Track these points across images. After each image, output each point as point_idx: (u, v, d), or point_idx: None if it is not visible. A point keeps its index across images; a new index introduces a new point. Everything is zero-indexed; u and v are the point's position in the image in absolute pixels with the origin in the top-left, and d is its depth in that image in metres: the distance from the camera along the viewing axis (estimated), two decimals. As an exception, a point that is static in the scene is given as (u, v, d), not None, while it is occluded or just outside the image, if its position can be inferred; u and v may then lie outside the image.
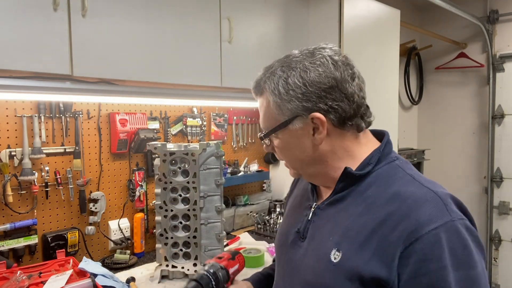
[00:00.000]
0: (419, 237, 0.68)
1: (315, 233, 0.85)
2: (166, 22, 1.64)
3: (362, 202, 0.78)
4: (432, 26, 3.53)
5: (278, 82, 0.81)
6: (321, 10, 2.28)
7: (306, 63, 0.79)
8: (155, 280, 1.52)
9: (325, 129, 0.79)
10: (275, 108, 0.82)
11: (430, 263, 0.68)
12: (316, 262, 0.81)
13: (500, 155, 3.38)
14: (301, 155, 0.84)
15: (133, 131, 1.92)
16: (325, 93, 0.78)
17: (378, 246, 0.72)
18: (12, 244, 1.57)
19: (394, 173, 0.80)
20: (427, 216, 0.70)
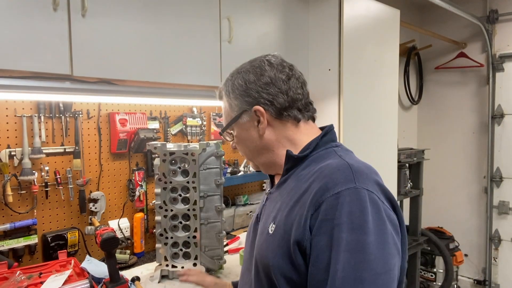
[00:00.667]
0: (324, 199, 0.76)
1: (265, 214, 0.96)
2: (166, 21, 1.64)
3: (296, 180, 0.89)
4: (432, 26, 3.53)
5: (229, 85, 0.98)
6: (321, 10, 2.28)
7: (248, 67, 0.97)
8: (155, 280, 1.52)
9: (265, 119, 0.93)
10: (228, 107, 0.98)
11: (328, 222, 0.74)
12: (259, 237, 0.91)
13: (499, 154, 3.38)
14: (251, 145, 0.97)
15: (133, 131, 1.92)
16: (262, 88, 0.93)
17: (298, 212, 0.80)
18: (12, 244, 1.57)
19: (328, 155, 0.90)
20: (334, 181, 0.78)
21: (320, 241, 0.74)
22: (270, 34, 2.10)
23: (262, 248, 0.87)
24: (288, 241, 0.79)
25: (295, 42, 2.26)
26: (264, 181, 2.61)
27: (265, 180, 2.57)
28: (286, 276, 0.79)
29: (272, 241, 0.84)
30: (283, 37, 2.18)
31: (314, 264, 0.75)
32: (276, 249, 0.82)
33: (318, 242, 0.75)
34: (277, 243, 0.82)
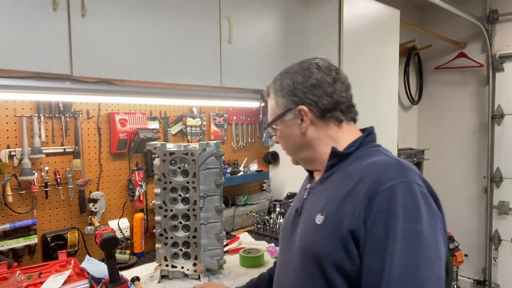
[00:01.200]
0: (379, 192, 0.82)
1: (307, 207, 1.02)
2: (166, 22, 1.64)
3: (342, 175, 0.95)
4: (431, 26, 3.53)
5: (276, 83, 1.05)
6: (321, 10, 2.27)
7: (296, 68, 1.03)
8: (154, 280, 1.52)
9: (309, 119, 1.00)
10: (275, 104, 1.05)
11: (384, 213, 0.80)
12: (305, 228, 0.97)
13: (499, 155, 3.38)
14: (293, 142, 1.04)
15: (132, 131, 1.92)
16: (308, 90, 0.99)
17: (350, 205, 0.85)
18: (12, 244, 1.57)
19: (372, 153, 0.96)
20: (387, 176, 0.84)
21: (376, 231, 0.80)
22: (270, 34, 2.10)
23: (310, 238, 0.92)
24: (340, 231, 0.85)
25: (295, 42, 2.25)
26: (264, 181, 2.61)
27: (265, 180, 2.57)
28: (336, 264, 0.85)
29: (321, 231, 0.89)
30: (283, 37, 2.18)
31: (370, 253, 0.80)
32: (327, 238, 0.87)
33: (374, 232, 0.80)
34: (328, 233, 0.87)
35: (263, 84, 2.08)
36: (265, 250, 1.78)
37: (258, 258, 1.68)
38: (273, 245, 1.84)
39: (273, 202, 2.44)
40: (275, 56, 2.14)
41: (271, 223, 2.15)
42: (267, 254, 1.77)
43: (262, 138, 2.62)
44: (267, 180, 2.59)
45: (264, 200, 2.54)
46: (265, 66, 2.08)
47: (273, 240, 1.96)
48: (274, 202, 2.42)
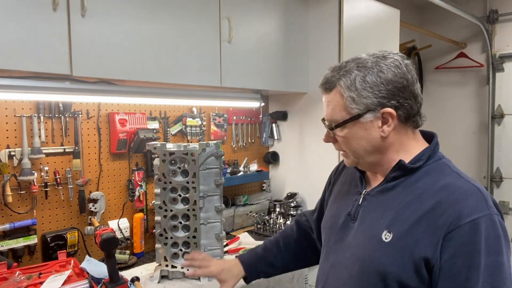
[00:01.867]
0: (462, 224, 0.81)
1: (365, 215, 0.97)
2: (166, 21, 1.64)
3: (411, 192, 0.90)
4: (431, 26, 3.52)
5: (355, 79, 0.90)
6: (321, 10, 2.27)
7: (382, 64, 0.90)
8: (154, 280, 1.52)
9: (394, 123, 0.91)
10: (349, 102, 0.91)
11: (467, 246, 0.80)
12: (368, 241, 0.92)
13: (499, 155, 3.38)
14: (366, 145, 0.94)
15: (132, 131, 1.92)
16: (398, 91, 0.89)
17: (426, 229, 0.84)
18: (12, 244, 1.57)
19: (442, 169, 0.93)
20: (470, 208, 0.82)
21: (457, 262, 0.81)
22: (270, 34, 2.10)
23: (375, 254, 0.90)
24: (411, 254, 0.84)
25: (295, 42, 2.25)
26: (264, 181, 2.60)
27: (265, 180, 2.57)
28: (403, 283, 0.85)
29: (389, 250, 0.88)
30: (283, 37, 2.18)
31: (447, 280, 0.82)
32: (396, 258, 0.86)
33: (454, 263, 0.81)
34: (397, 252, 0.86)
35: (263, 84, 2.11)
36: (265, 250, 1.78)
37: (258, 258, 1.68)
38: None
39: (273, 202, 2.44)
40: (275, 56, 2.14)
41: (271, 223, 2.15)
42: (267, 254, 1.77)
43: (262, 138, 2.62)
44: (267, 180, 2.59)
45: (264, 200, 2.54)
46: (265, 66, 2.08)
47: (273, 240, 1.96)
48: (274, 202, 2.42)
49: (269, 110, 2.62)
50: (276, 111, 2.55)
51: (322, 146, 2.33)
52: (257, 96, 2.30)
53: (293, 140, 2.51)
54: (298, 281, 1.71)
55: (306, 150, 2.42)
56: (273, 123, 2.59)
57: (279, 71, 2.17)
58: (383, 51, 0.94)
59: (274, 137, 2.59)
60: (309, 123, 2.40)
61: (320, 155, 2.31)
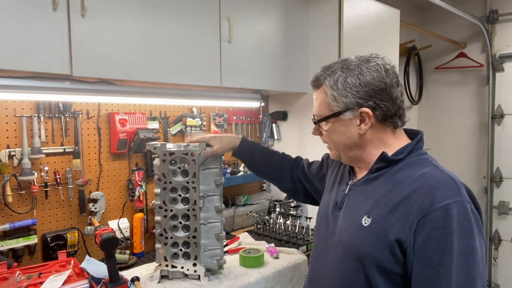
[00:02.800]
0: (434, 209, 0.86)
1: (350, 204, 1.04)
2: (166, 22, 1.64)
3: (392, 181, 0.97)
4: (431, 26, 3.52)
5: (338, 79, 0.99)
6: (321, 10, 2.27)
7: (363, 67, 0.98)
8: (154, 280, 1.52)
9: (370, 122, 0.98)
10: (331, 100, 1.00)
11: (440, 230, 0.85)
12: (350, 226, 1.00)
13: (499, 155, 3.38)
14: (346, 140, 1.02)
15: (132, 131, 1.92)
16: (375, 93, 0.97)
17: (401, 215, 0.90)
18: (12, 244, 1.57)
19: (421, 162, 0.98)
20: (443, 194, 0.88)
21: (431, 246, 0.85)
22: (270, 34, 2.10)
23: (355, 238, 0.97)
24: (387, 237, 0.90)
25: (295, 42, 2.25)
26: (264, 181, 2.60)
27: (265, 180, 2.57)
28: (380, 265, 0.91)
29: (367, 234, 0.94)
30: (283, 37, 2.18)
31: (423, 264, 0.86)
32: (374, 241, 0.93)
33: (429, 246, 0.86)
34: (374, 236, 0.93)
35: (263, 84, 2.11)
36: (265, 250, 1.78)
37: (258, 258, 1.68)
38: (273, 245, 1.84)
39: (273, 202, 2.43)
40: (275, 56, 2.14)
41: (271, 223, 2.15)
42: (267, 254, 1.77)
43: (262, 138, 2.62)
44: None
45: (264, 200, 2.54)
46: (265, 66, 2.08)
47: (273, 240, 1.96)
48: (274, 202, 2.42)
49: (269, 110, 2.62)
50: (276, 111, 2.55)
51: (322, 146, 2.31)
52: (257, 96, 2.30)
53: (293, 140, 2.51)
54: (298, 281, 1.71)
55: (306, 150, 2.42)
56: (273, 123, 2.59)
57: (279, 71, 2.17)
58: (371, 54, 1.01)
59: (274, 137, 2.59)
60: (309, 123, 2.36)
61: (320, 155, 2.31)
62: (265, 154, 1.52)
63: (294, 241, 1.95)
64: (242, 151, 1.51)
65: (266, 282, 1.58)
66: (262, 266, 1.67)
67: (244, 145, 1.51)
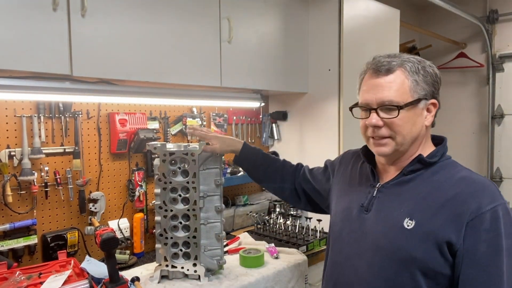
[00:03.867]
0: (483, 212, 0.88)
1: (382, 206, 1.03)
2: (166, 22, 1.64)
3: (429, 184, 0.98)
4: (431, 26, 3.52)
5: (418, 66, 0.99)
6: (321, 10, 2.27)
7: (428, 63, 1.02)
8: (154, 280, 1.52)
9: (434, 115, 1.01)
10: (413, 85, 0.97)
11: (489, 232, 0.88)
12: (388, 229, 0.98)
13: (499, 155, 3.38)
14: (415, 131, 0.99)
15: (132, 131, 1.92)
16: (439, 87, 1.01)
17: (448, 217, 0.91)
18: (12, 244, 1.57)
19: (455, 165, 1.02)
20: (489, 197, 0.91)
21: (480, 248, 0.88)
22: (270, 34, 2.10)
23: (399, 241, 0.95)
24: (435, 239, 0.91)
25: (295, 42, 2.25)
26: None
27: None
28: (427, 267, 0.91)
29: (412, 236, 0.94)
30: (283, 37, 2.18)
31: (472, 265, 0.88)
32: (420, 243, 0.92)
33: (478, 249, 0.88)
34: (420, 238, 0.92)
35: (263, 84, 2.11)
36: (265, 250, 1.78)
37: (258, 258, 1.68)
38: (273, 245, 1.84)
39: (273, 202, 2.43)
40: (275, 56, 2.14)
41: (271, 223, 2.15)
42: (267, 254, 1.77)
43: (262, 138, 2.62)
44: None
45: (264, 200, 2.54)
46: (265, 66, 2.09)
47: (273, 240, 1.96)
48: (274, 202, 2.42)
49: (269, 110, 2.62)
50: (276, 111, 2.55)
51: (322, 146, 2.33)
52: (257, 96, 2.30)
53: (293, 140, 2.51)
54: (298, 281, 1.71)
55: (306, 150, 2.42)
56: (273, 123, 2.59)
57: (279, 71, 2.17)
58: None
59: (274, 137, 2.59)
60: (309, 123, 2.40)
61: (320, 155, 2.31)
62: (266, 161, 1.49)
63: (294, 241, 1.95)
64: (243, 158, 1.50)
65: (266, 282, 1.58)
66: (262, 266, 1.66)
67: (245, 151, 1.50)
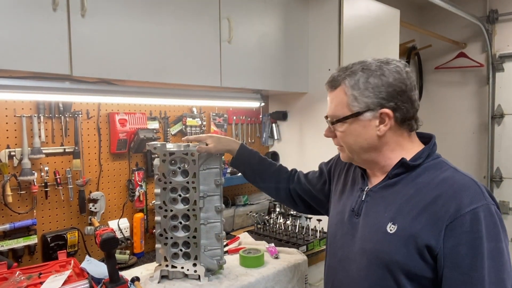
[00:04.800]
0: (463, 214, 0.87)
1: (369, 210, 1.03)
2: (166, 22, 1.64)
3: (413, 187, 0.97)
4: (431, 26, 3.52)
5: (359, 79, 0.98)
6: (321, 10, 2.27)
7: (384, 68, 0.98)
8: (154, 280, 1.52)
9: (390, 123, 0.98)
10: (351, 100, 0.99)
11: (469, 234, 0.86)
12: (373, 233, 0.99)
13: (499, 155, 3.38)
14: (362, 142, 1.00)
15: (132, 131, 1.92)
16: (397, 94, 0.96)
17: (428, 220, 0.90)
18: (12, 244, 1.57)
19: (440, 166, 0.99)
20: (469, 198, 0.88)
21: (461, 250, 0.86)
22: (270, 34, 2.10)
23: (381, 245, 0.96)
24: (415, 243, 0.90)
25: (295, 42, 2.25)
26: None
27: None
28: (410, 271, 0.91)
29: (394, 240, 0.94)
30: (283, 37, 2.18)
31: (454, 269, 0.87)
32: (401, 248, 0.92)
33: (458, 251, 0.86)
34: (402, 243, 0.92)
35: (263, 84, 2.11)
36: (265, 250, 1.78)
37: (258, 258, 1.68)
38: (273, 245, 1.83)
39: (273, 202, 2.43)
40: (275, 56, 2.14)
41: (271, 223, 2.15)
42: (267, 254, 1.77)
43: (262, 138, 2.62)
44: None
45: (264, 200, 2.54)
46: (265, 66, 2.08)
47: (273, 240, 1.96)
48: (274, 202, 2.42)
49: (269, 110, 2.62)
50: (276, 111, 2.55)
51: (322, 146, 2.33)
52: (257, 96, 2.30)
53: (293, 140, 2.51)
54: (298, 281, 1.71)
55: (306, 150, 2.42)
56: (273, 123, 2.59)
57: (279, 71, 2.17)
58: (387, 58, 1.02)
59: (274, 137, 2.59)
60: (309, 123, 2.40)
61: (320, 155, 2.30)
62: (262, 164, 1.49)
63: (294, 241, 1.95)
64: (239, 160, 1.50)
65: (266, 282, 1.58)
66: (262, 266, 1.66)
67: (242, 153, 1.49)
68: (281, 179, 1.47)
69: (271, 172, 1.48)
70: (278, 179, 1.47)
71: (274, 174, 1.48)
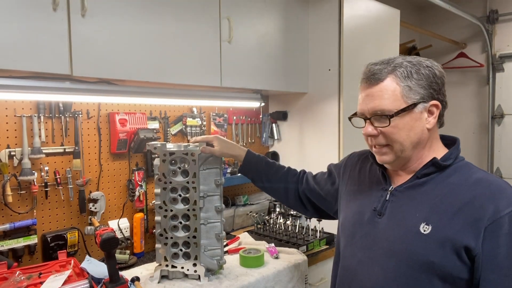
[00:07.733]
0: (501, 216, 0.86)
1: (395, 210, 1.01)
2: (166, 22, 1.64)
3: (445, 187, 0.95)
4: (431, 26, 3.53)
5: (411, 70, 0.96)
6: (321, 10, 2.28)
7: (427, 62, 0.98)
8: (154, 280, 1.52)
9: (436, 116, 0.98)
10: (406, 91, 0.95)
11: (508, 236, 0.86)
12: (404, 234, 0.96)
13: (499, 155, 3.38)
14: (413, 137, 0.97)
15: (132, 131, 1.92)
16: (442, 87, 0.99)
17: (465, 221, 0.89)
18: (12, 244, 1.57)
19: (469, 167, 0.99)
20: (506, 201, 0.88)
21: (500, 252, 0.86)
22: (270, 34, 2.10)
23: (415, 246, 0.93)
24: (453, 244, 0.89)
25: (295, 42, 2.25)
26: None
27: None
28: (445, 272, 0.90)
29: (429, 241, 0.92)
30: (283, 37, 2.18)
31: (493, 270, 0.87)
32: (437, 248, 0.90)
33: (497, 252, 0.86)
34: (438, 243, 0.91)
35: (263, 84, 2.11)
36: (265, 250, 1.78)
37: (258, 258, 1.68)
38: (273, 245, 1.84)
39: (273, 202, 2.43)
40: (275, 56, 2.14)
41: (271, 223, 2.15)
42: (267, 254, 1.77)
43: (262, 138, 2.62)
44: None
45: (264, 200, 2.54)
46: (265, 66, 2.09)
47: (273, 240, 1.96)
48: (274, 202, 2.42)
49: (269, 110, 2.62)
50: (276, 111, 2.55)
51: (322, 146, 2.33)
52: (257, 96, 2.30)
53: (293, 140, 2.51)
54: (298, 281, 1.71)
55: (306, 150, 2.42)
56: (273, 123, 2.59)
57: (279, 71, 2.17)
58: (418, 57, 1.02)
59: (274, 137, 2.59)
60: (309, 123, 2.40)
61: (320, 155, 2.31)
62: (270, 170, 1.48)
63: (294, 241, 1.95)
64: (247, 167, 1.48)
65: (266, 282, 1.58)
66: (262, 266, 1.67)
67: (249, 160, 1.48)
68: (290, 182, 1.46)
69: (279, 176, 1.47)
70: (287, 182, 1.46)
71: (283, 177, 1.46)
